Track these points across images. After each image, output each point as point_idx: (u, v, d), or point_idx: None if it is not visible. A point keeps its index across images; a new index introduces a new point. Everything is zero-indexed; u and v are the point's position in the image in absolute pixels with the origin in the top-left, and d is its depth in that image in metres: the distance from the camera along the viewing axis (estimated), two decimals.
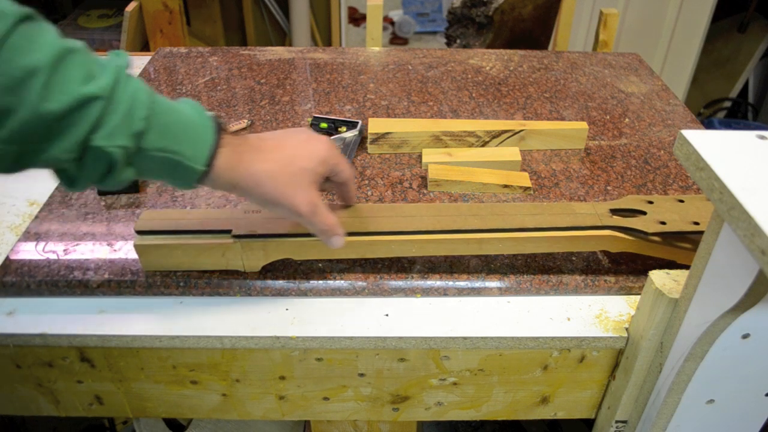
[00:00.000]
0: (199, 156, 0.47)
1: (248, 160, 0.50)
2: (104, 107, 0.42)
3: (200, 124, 0.48)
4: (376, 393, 0.63)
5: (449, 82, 0.99)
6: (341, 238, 0.55)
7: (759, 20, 2.36)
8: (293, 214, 0.52)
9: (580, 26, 2.22)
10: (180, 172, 0.47)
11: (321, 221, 0.53)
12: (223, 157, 0.48)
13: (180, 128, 0.46)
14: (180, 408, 0.65)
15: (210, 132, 0.48)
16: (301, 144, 0.53)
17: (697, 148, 0.43)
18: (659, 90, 0.99)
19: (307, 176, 0.52)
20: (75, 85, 0.41)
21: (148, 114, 0.44)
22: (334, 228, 0.54)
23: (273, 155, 0.51)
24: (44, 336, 0.56)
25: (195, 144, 0.47)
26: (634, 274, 0.62)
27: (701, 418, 0.54)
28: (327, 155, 0.54)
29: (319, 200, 0.53)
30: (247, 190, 0.50)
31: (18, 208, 0.72)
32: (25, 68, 0.39)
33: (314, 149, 0.53)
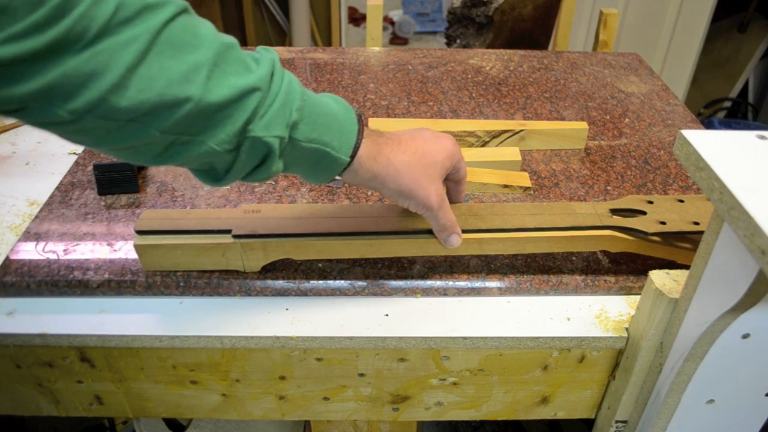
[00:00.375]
0: (345, 147, 0.48)
1: (388, 151, 0.51)
2: (262, 98, 0.43)
3: (345, 116, 0.49)
4: (376, 393, 0.63)
5: (449, 82, 0.99)
6: (459, 238, 0.57)
7: (759, 20, 2.36)
8: (421, 207, 0.53)
9: (580, 26, 2.22)
10: (325, 163, 0.48)
11: (445, 216, 0.55)
12: (365, 148, 0.49)
13: (328, 120, 0.47)
14: (180, 408, 0.65)
15: (354, 124, 0.49)
16: (431, 139, 0.55)
17: (697, 148, 0.43)
18: (659, 90, 0.99)
19: (439, 169, 0.54)
20: (234, 77, 0.42)
21: (301, 105, 0.45)
22: (455, 226, 0.56)
23: (409, 147, 0.53)
24: (44, 336, 0.56)
25: (341, 135, 0.48)
26: (634, 274, 0.62)
27: (701, 418, 0.54)
28: (453, 150, 0.55)
29: (445, 195, 0.55)
30: (386, 179, 0.51)
31: (18, 208, 0.72)
32: (190, 64, 0.39)
33: (444, 144, 0.55)
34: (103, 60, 0.36)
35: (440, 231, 0.56)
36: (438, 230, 0.56)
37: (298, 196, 0.72)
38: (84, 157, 0.78)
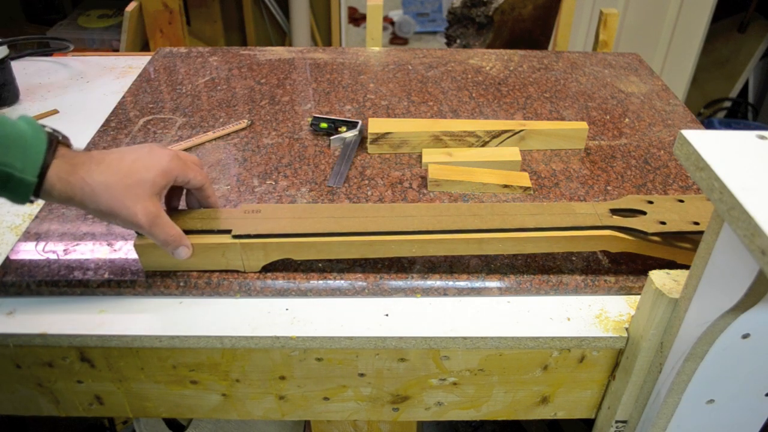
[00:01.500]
0: (29, 167, 0.47)
1: (84, 171, 0.50)
2: None
3: (32, 136, 0.48)
4: (376, 393, 0.63)
5: (449, 82, 0.99)
6: (187, 249, 0.57)
7: (759, 20, 2.35)
8: (133, 225, 0.53)
9: (580, 26, 2.22)
10: (12, 184, 0.48)
11: (162, 231, 0.54)
12: (56, 168, 0.49)
13: (10, 140, 0.47)
14: (180, 408, 0.65)
15: (41, 144, 0.48)
16: (141, 157, 0.54)
17: (697, 148, 0.43)
18: (659, 90, 0.99)
19: (147, 188, 0.52)
20: None
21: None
22: (178, 239, 0.55)
23: (111, 167, 0.52)
24: (44, 336, 0.56)
25: (25, 155, 0.47)
26: (634, 274, 0.62)
27: (701, 418, 0.54)
28: (168, 166, 0.54)
29: (159, 211, 0.54)
30: (83, 201, 0.51)
31: (18, 208, 0.72)
32: None
33: (154, 161, 0.54)
34: None
35: (163, 246, 0.55)
36: (161, 245, 0.55)
37: (298, 196, 0.72)
38: None
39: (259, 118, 0.88)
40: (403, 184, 0.75)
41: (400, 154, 0.80)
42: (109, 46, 1.78)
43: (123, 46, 1.59)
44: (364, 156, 0.80)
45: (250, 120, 0.87)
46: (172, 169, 0.55)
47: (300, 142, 0.83)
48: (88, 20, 1.84)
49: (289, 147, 0.81)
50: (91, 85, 1.00)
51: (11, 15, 2.11)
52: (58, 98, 0.96)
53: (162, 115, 0.88)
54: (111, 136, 0.83)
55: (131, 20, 1.57)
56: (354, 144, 0.81)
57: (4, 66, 0.91)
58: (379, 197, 0.72)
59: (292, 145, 0.82)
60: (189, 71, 1.01)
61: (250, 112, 0.89)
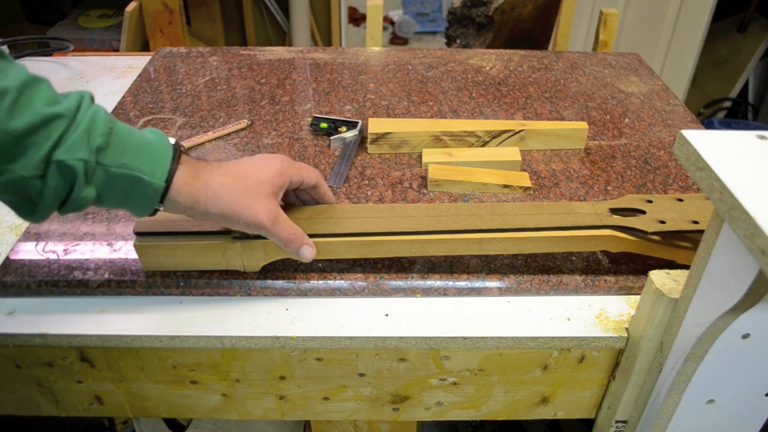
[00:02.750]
0: (158, 172, 0.49)
1: (206, 175, 0.52)
2: (67, 126, 0.45)
3: (159, 143, 0.50)
4: (376, 393, 0.63)
5: (449, 82, 0.99)
6: (311, 249, 0.56)
7: (759, 20, 2.35)
8: (255, 225, 0.53)
9: (580, 26, 2.22)
10: (140, 189, 0.48)
11: (283, 230, 0.54)
12: (181, 173, 0.50)
13: (139, 147, 0.48)
14: (180, 408, 0.65)
15: (168, 150, 0.50)
16: (255, 160, 0.55)
17: (697, 148, 0.43)
18: (659, 90, 0.99)
19: (265, 187, 0.53)
20: (40, 106, 0.44)
21: (107, 131, 0.47)
22: (300, 238, 0.55)
23: (230, 170, 0.53)
24: (44, 336, 0.56)
25: (154, 161, 0.49)
26: (634, 274, 0.62)
27: (701, 418, 0.54)
28: (282, 167, 0.55)
29: (279, 210, 0.54)
30: (207, 203, 0.51)
31: None
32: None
33: (269, 163, 0.55)
34: None
35: (286, 246, 0.55)
36: (283, 246, 0.55)
37: None
38: None
39: (259, 118, 0.88)
40: (403, 184, 0.75)
41: (400, 154, 0.80)
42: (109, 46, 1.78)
43: (123, 46, 1.59)
44: (364, 156, 0.80)
45: (250, 120, 0.87)
46: (286, 168, 0.56)
47: (300, 142, 0.83)
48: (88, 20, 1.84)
49: (289, 147, 0.81)
50: (91, 85, 1.00)
51: (11, 15, 2.11)
52: None
53: (162, 115, 0.88)
54: None
55: (131, 20, 1.57)
56: (354, 144, 0.81)
57: None
58: (379, 197, 0.72)
59: (292, 145, 0.82)
60: (189, 71, 1.01)
61: (250, 112, 0.89)
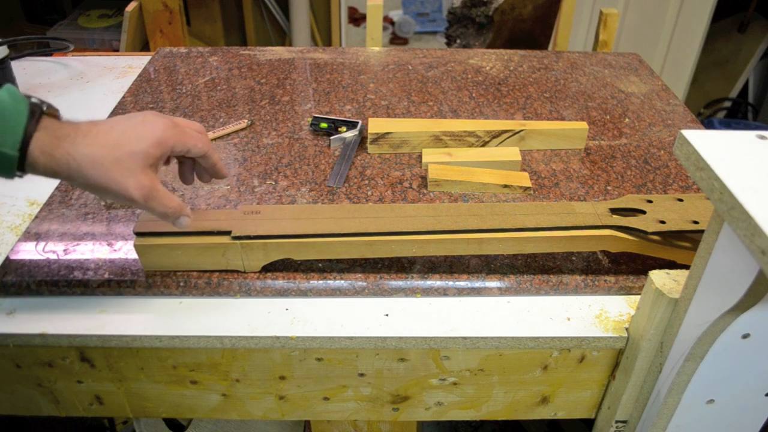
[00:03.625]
0: (8, 140, 0.45)
1: (68, 144, 0.47)
2: None
3: (13, 109, 0.45)
4: (376, 393, 0.63)
5: (449, 82, 0.99)
6: (188, 219, 0.54)
7: (759, 20, 2.35)
8: (126, 201, 0.50)
9: (580, 26, 2.22)
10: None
11: (160, 204, 0.51)
12: (38, 142, 0.46)
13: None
14: (180, 408, 0.65)
15: (22, 115, 0.45)
16: (133, 127, 0.50)
17: (697, 148, 0.43)
18: (659, 90, 0.99)
19: (139, 160, 0.49)
20: None
21: None
22: (177, 210, 0.52)
23: (98, 139, 0.48)
24: (44, 336, 0.56)
25: (5, 129, 0.45)
26: (634, 274, 0.62)
27: (701, 418, 0.54)
28: (162, 136, 0.50)
29: (154, 184, 0.50)
30: (69, 175, 0.47)
31: (18, 208, 0.72)
32: None
33: (147, 131, 0.50)
34: None
35: (163, 218, 0.53)
36: (161, 218, 0.53)
37: (298, 196, 0.72)
38: None
39: (259, 118, 0.88)
40: (403, 184, 0.75)
41: (400, 154, 0.80)
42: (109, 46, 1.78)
43: (123, 46, 1.59)
44: (364, 156, 0.80)
45: (250, 120, 0.87)
46: (167, 138, 0.51)
47: (300, 142, 0.83)
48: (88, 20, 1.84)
49: (289, 147, 0.81)
50: (91, 85, 1.00)
51: (11, 15, 2.11)
52: (58, 98, 0.96)
53: None
54: None
55: (131, 20, 1.57)
56: (354, 144, 0.81)
57: (4, 66, 0.91)
58: (379, 197, 0.72)
59: (292, 145, 0.82)
60: (189, 71, 1.01)
61: (250, 112, 0.89)
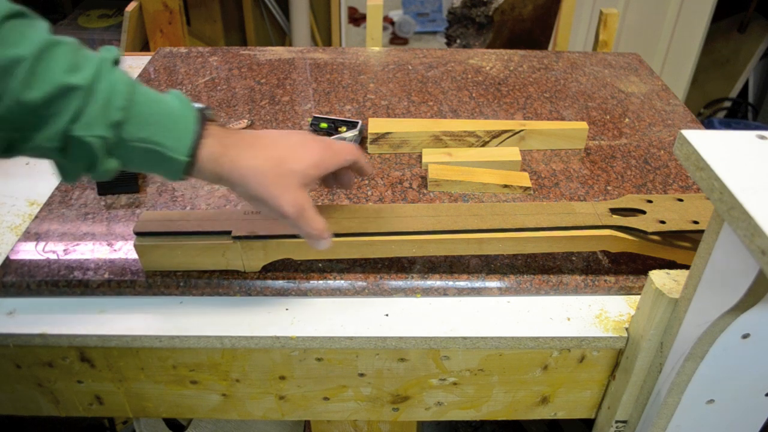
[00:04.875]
0: (180, 147, 0.47)
1: (234, 154, 0.49)
2: (84, 98, 0.43)
3: (182, 114, 0.47)
4: (376, 393, 0.63)
5: (449, 82, 0.99)
6: (328, 242, 0.55)
7: (759, 20, 2.35)
8: (277, 214, 0.51)
9: (580, 26, 2.22)
10: (163, 163, 0.47)
11: (307, 224, 0.52)
12: (206, 148, 0.48)
13: (161, 119, 0.46)
14: (180, 408, 0.65)
15: (192, 122, 0.47)
16: (295, 146, 0.52)
17: (697, 148, 0.43)
18: (659, 90, 0.99)
19: (297, 178, 0.51)
20: (57, 74, 0.42)
21: (127, 105, 0.45)
22: (321, 232, 0.54)
23: (263, 153, 0.50)
24: (44, 336, 0.56)
25: (176, 134, 0.47)
26: (634, 274, 0.62)
27: (701, 418, 0.54)
28: (321, 158, 0.53)
29: (307, 203, 0.52)
30: (231, 183, 0.50)
31: (18, 208, 0.72)
32: (10, 58, 0.40)
33: (307, 152, 0.52)
34: None
35: (306, 237, 0.54)
36: (304, 237, 0.54)
37: None
38: None
39: (259, 118, 0.88)
40: (403, 184, 0.75)
41: (400, 154, 0.80)
42: None
43: (123, 46, 1.59)
44: None
45: (250, 120, 0.87)
46: (324, 161, 0.53)
47: None
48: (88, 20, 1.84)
49: None
50: None
51: None
52: None
53: None
54: None
55: (131, 20, 1.57)
56: (354, 144, 0.81)
57: None
58: (379, 197, 0.72)
59: None
60: (189, 71, 1.01)
61: (250, 112, 0.89)
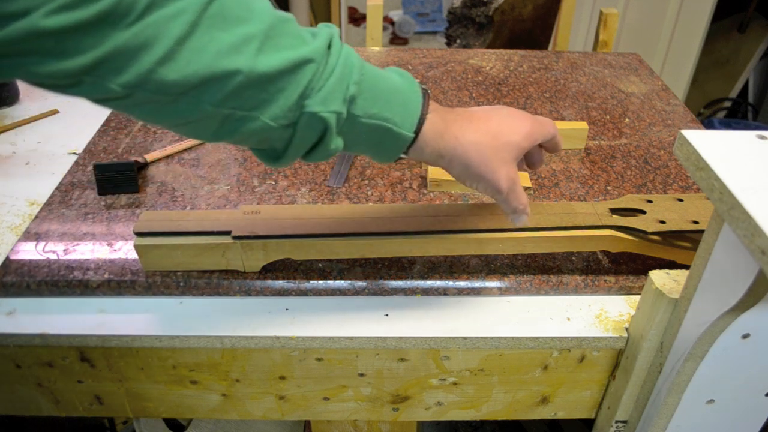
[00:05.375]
0: (408, 122, 0.46)
1: (456, 129, 0.49)
2: (316, 70, 0.42)
3: (409, 89, 0.47)
4: (376, 393, 0.63)
5: (449, 82, 0.99)
6: (527, 217, 0.55)
7: (759, 20, 2.35)
8: (490, 190, 0.51)
9: (580, 26, 2.22)
10: (388, 140, 0.46)
11: (516, 198, 0.52)
12: (430, 123, 0.47)
13: (389, 95, 0.45)
14: (180, 408, 0.65)
15: (418, 98, 0.47)
16: (507, 118, 0.52)
17: (697, 148, 0.43)
18: (659, 90, 0.99)
19: (513, 151, 0.51)
20: (287, 49, 0.41)
21: (360, 79, 0.43)
22: (526, 206, 0.54)
23: (481, 126, 0.50)
24: (44, 336, 0.56)
25: (404, 110, 0.46)
26: (634, 274, 0.62)
27: (701, 418, 0.54)
28: (532, 129, 0.52)
29: (517, 177, 0.52)
30: (452, 159, 0.49)
31: (18, 208, 0.72)
32: (241, 34, 0.39)
33: (519, 124, 0.52)
34: (152, 33, 0.36)
35: (510, 213, 0.54)
36: (508, 211, 0.54)
37: (298, 196, 0.72)
38: (84, 157, 0.78)
39: None
40: (403, 184, 0.75)
41: None
42: None
43: None
44: (364, 156, 0.80)
45: None
46: (534, 132, 0.53)
47: None
48: None
49: None
50: None
51: None
52: (58, 98, 0.96)
53: None
54: (111, 136, 0.83)
55: None
56: None
57: None
58: (379, 197, 0.72)
59: None
60: None
61: None
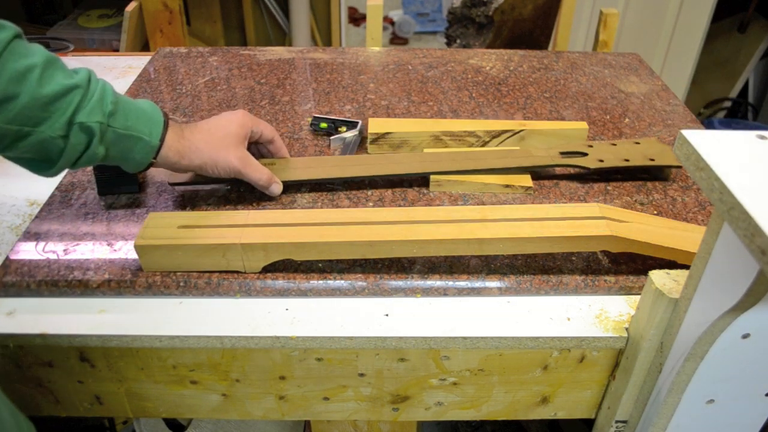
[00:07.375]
0: (154, 133, 0.60)
1: (188, 134, 0.64)
2: (83, 94, 0.55)
3: (153, 111, 0.61)
4: (376, 393, 0.63)
5: (449, 82, 0.99)
6: (279, 186, 0.69)
7: (759, 20, 2.35)
8: (230, 170, 0.65)
9: (580, 26, 2.22)
10: (140, 147, 0.59)
11: (254, 171, 0.67)
12: (170, 133, 0.62)
13: (139, 113, 0.59)
14: (180, 408, 0.65)
15: (160, 116, 0.61)
16: (222, 118, 0.67)
17: (697, 148, 0.43)
18: (659, 90, 0.99)
19: (233, 138, 0.66)
20: (60, 78, 0.54)
21: (116, 100, 0.57)
22: (269, 177, 0.68)
23: (204, 127, 0.66)
24: (44, 336, 0.56)
25: (151, 124, 0.60)
26: (634, 274, 0.62)
27: (701, 418, 0.54)
28: (243, 120, 0.68)
29: (248, 156, 0.67)
30: (190, 156, 0.63)
31: (18, 208, 0.72)
32: (26, 66, 0.52)
33: (232, 118, 0.67)
34: None
35: (257, 185, 0.68)
36: (255, 185, 0.68)
37: (298, 196, 0.72)
38: None
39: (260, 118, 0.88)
40: (403, 184, 0.75)
41: None
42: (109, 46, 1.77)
43: (123, 46, 1.59)
44: None
45: None
46: (247, 121, 0.68)
47: (300, 142, 0.83)
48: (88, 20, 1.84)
49: (289, 147, 0.81)
50: None
51: (11, 15, 2.11)
52: None
53: None
54: None
55: (131, 20, 1.57)
56: (354, 144, 0.81)
57: None
58: (379, 197, 0.72)
59: (292, 145, 0.82)
60: (189, 71, 1.01)
61: (251, 112, 0.89)
